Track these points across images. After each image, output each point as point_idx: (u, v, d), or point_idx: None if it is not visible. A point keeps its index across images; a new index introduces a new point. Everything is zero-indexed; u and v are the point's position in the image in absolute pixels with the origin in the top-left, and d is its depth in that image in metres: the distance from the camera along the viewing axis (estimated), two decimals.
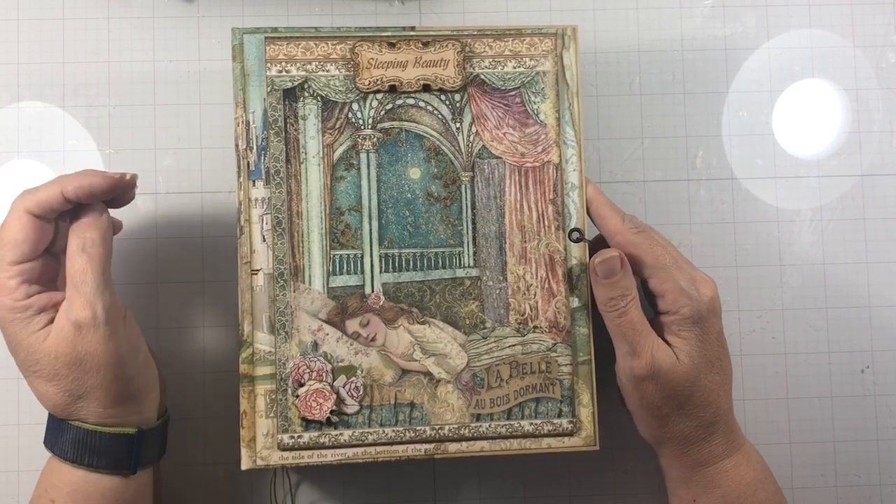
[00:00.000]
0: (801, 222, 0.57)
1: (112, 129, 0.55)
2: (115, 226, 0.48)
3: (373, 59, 0.48)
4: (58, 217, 0.45)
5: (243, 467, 0.46)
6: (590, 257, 0.47)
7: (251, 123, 0.48)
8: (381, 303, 0.48)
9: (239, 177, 0.48)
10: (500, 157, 0.49)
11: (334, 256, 0.48)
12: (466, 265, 0.49)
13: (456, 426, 0.48)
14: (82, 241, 0.43)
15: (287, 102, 0.48)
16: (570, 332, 0.49)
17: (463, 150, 0.49)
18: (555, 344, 0.49)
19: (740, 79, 0.57)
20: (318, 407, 0.47)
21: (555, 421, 0.48)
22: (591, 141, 0.56)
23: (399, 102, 0.49)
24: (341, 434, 0.47)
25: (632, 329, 0.45)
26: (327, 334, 0.47)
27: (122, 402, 0.44)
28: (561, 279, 0.49)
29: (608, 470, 0.55)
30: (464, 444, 0.48)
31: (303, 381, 0.47)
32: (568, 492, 0.55)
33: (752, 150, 0.57)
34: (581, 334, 0.49)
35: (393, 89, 0.49)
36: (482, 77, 0.49)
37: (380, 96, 0.49)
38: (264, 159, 0.48)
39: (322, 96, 0.48)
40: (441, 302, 0.48)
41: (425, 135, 0.49)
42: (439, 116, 0.49)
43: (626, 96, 0.57)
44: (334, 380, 0.47)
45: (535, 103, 0.49)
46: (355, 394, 0.47)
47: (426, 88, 0.49)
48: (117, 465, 0.45)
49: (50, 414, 0.45)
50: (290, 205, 0.48)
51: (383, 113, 0.49)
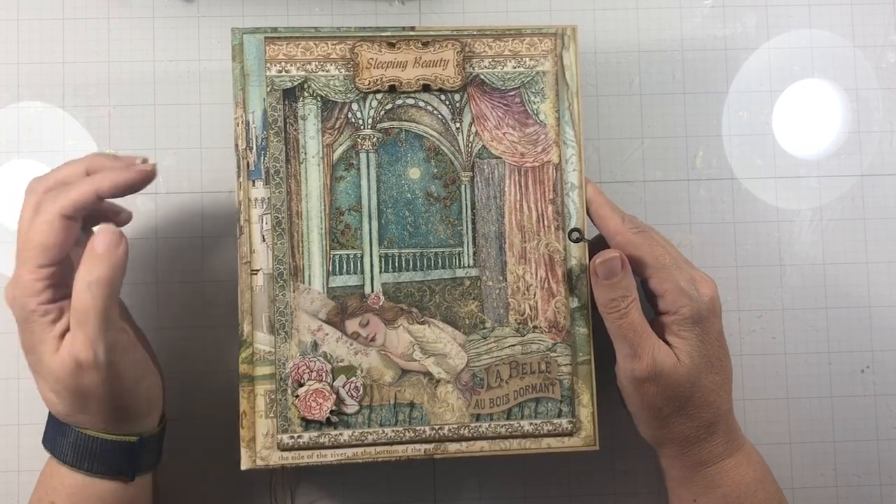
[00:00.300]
0: (801, 222, 0.57)
1: (112, 129, 0.55)
2: (124, 217, 0.48)
3: (372, 59, 0.48)
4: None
5: (243, 467, 0.46)
6: (590, 258, 0.47)
7: (251, 123, 0.48)
8: (380, 303, 0.48)
9: (239, 177, 0.48)
10: (500, 157, 0.49)
11: (334, 256, 0.48)
12: (466, 265, 0.49)
13: (456, 426, 0.48)
14: (89, 278, 0.41)
15: (287, 102, 0.48)
16: (569, 332, 0.49)
17: (463, 150, 0.49)
18: (554, 344, 0.49)
19: (740, 79, 0.57)
20: (318, 407, 0.47)
21: (554, 421, 0.48)
22: (591, 141, 0.56)
23: (399, 102, 0.49)
24: (341, 434, 0.47)
25: (633, 330, 0.45)
26: (327, 334, 0.47)
27: (123, 421, 0.44)
28: (561, 279, 0.49)
29: (608, 470, 0.55)
30: (463, 444, 0.48)
31: (302, 381, 0.47)
32: (568, 492, 0.55)
33: (752, 150, 0.57)
34: (581, 334, 0.49)
35: (393, 89, 0.49)
36: (482, 77, 0.49)
37: (379, 96, 0.49)
38: (264, 159, 0.48)
39: (322, 96, 0.48)
40: (441, 302, 0.48)
41: (425, 135, 0.49)
42: (439, 116, 0.49)
43: (626, 96, 0.57)
44: (334, 380, 0.47)
45: (534, 103, 0.49)
46: (355, 394, 0.47)
47: (426, 88, 0.49)
48: (116, 471, 0.44)
49: (50, 414, 0.45)
50: (290, 205, 0.48)
51: (383, 113, 0.49)
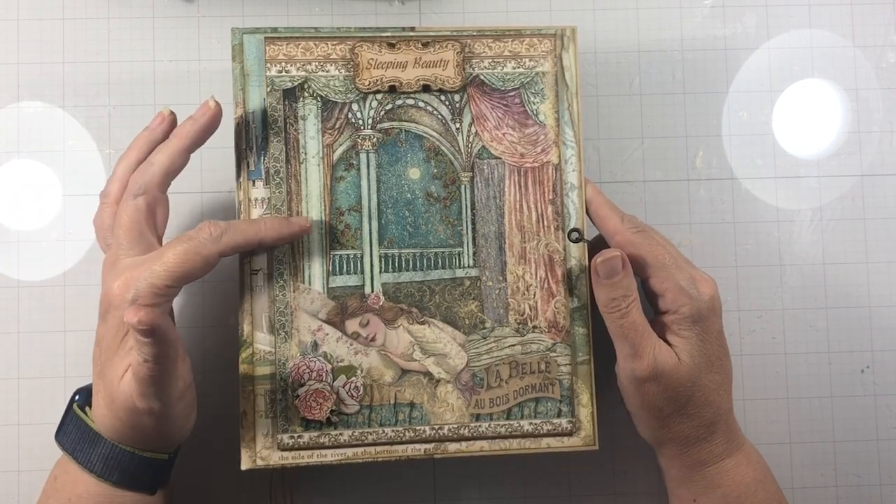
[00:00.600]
0: (801, 222, 0.57)
1: (112, 129, 0.55)
2: (164, 214, 0.46)
3: (372, 59, 0.48)
4: None
5: (243, 467, 0.46)
6: (589, 258, 0.47)
7: (251, 123, 0.48)
8: (380, 303, 0.48)
9: (239, 177, 0.48)
10: (500, 158, 0.49)
11: (334, 256, 0.48)
12: (466, 265, 0.49)
13: (455, 426, 0.48)
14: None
15: (287, 102, 0.48)
16: (569, 332, 0.49)
17: (462, 151, 0.49)
18: (554, 344, 0.49)
19: (740, 79, 0.57)
20: (318, 407, 0.47)
21: (554, 421, 0.48)
22: (591, 141, 0.56)
23: (399, 103, 0.49)
24: (341, 434, 0.47)
25: (633, 330, 0.45)
26: (327, 334, 0.47)
27: (164, 440, 0.45)
28: (560, 279, 0.49)
29: (608, 470, 0.55)
30: (463, 443, 0.48)
31: (303, 381, 0.47)
32: (568, 492, 0.55)
33: (752, 150, 0.57)
34: (580, 334, 0.49)
35: (393, 90, 0.49)
36: (482, 77, 0.49)
37: (379, 97, 0.49)
38: (264, 159, 0.48)
39: (322, 96, 0.48)
40: (441, 302, 0.48)
41: (425, 135, 0.49)
42: (439, 117, 0.49)
43: (626, 96, 0.57)
44: (334, 380, 0.47)
45: (534, 104, 0.49)
46: (355, 394, 0.47)
47: (426, 89, 0.49)
48: (143, 485, 0.45)
49: (78, 419, 0.45)
50: (290, 205, 0.48)
51: (383, 113, 0.49)
